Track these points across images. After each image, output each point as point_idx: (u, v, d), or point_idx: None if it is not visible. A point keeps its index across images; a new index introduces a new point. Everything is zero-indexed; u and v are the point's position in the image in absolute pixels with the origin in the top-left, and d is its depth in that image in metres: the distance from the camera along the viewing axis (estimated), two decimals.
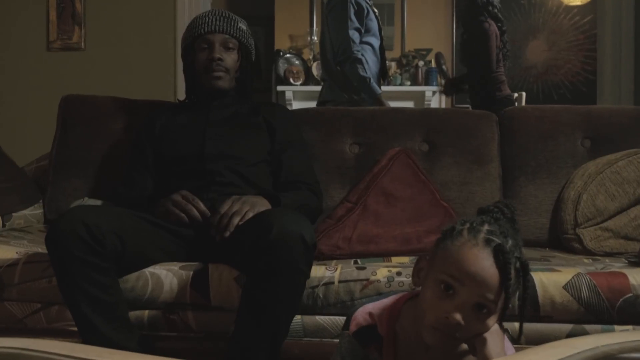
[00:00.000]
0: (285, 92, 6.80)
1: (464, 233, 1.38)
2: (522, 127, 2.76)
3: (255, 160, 2.46)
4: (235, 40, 2.55)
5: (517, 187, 2.71)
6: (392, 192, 2.61)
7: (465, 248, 1.36)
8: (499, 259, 1.35)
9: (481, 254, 1.35)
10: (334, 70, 4.18)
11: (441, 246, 1.41)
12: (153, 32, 4.06)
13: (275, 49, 7.06)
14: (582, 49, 7.25)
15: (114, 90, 3.23)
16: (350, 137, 2.77)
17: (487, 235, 1.37)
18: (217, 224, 2.12)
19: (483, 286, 1.34)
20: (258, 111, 2.57)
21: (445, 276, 1.37)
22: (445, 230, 1.44)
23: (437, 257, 1.41)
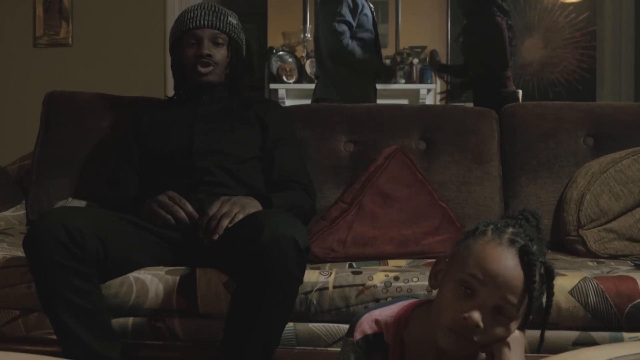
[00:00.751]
0: (278, 90, 6.69)
1: (488, 232, 1.33)
2: (523, 125, 2.65)
3: (246, 156, 2.35)
4: (225, 36, 2.44)
5: (518, 187, 2.60)
6: (388, 192, 2.51)
7: (489, 246, 1.31)
8: (524, 260, 1.29)
9: (505, 253, 1.29)
10: (329, 67, 4.09)
11: (462, 245, 1.35)
12: (142, 27, 3.95)
13: (267, 46, 6.95)
14: (578, 46, 7.15)
15: (102, 87, 3.13)
16: (345, 134, 2.66)
17: (512, 237, 1.31)
18: (205, 226, 2.01)
19: (505, 287, 1.28)
20: (250, 106, 2.46)
21: (465, 275, 1.30)
22: (467, 231, 1.39)
23: (457, 257, 1.35)
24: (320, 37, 4.18)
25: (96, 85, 3.35)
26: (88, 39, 3.98)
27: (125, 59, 3.96)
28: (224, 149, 2.32)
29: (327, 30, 4.02)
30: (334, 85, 4.12)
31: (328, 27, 3.99)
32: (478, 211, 2.55)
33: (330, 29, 3.95)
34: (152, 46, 3.93)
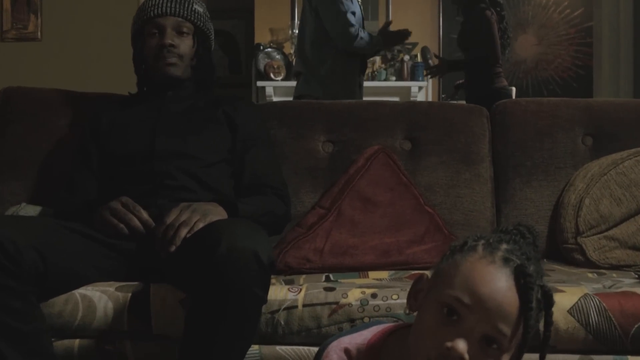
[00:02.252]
0: (266, 88, 6.47)
1: (479, 248, 1.14)
2: (516, 123, 2.42)
3: (213, 159, 2.13)
4: (190, 24, 2.22)
5: (511, 190, 2.38)
6: (369, 196, 2.28)
7: (479, 265, 1.11)
8: (520, 282, 1.10)
9: (498, 274, 1.10)
10: (312, 62, 3.86)
11: (448, 262, 1.15)
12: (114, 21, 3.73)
13: (255, 42, 6.73)
14: (572, 43, 6.94)
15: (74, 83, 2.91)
16: (323, 134, 2.43)
17: (506, 254, 1.12)
18: (161, 236, 1.78)
19: (497, 314, 1.08)
20: (218, 104, 2.24)
21: (450, 298, 1.10)
22: (454, 245, 1.18)
23: (441, 275, 1.15)
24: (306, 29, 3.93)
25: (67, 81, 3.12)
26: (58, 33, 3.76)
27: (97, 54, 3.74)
28: (188, 152, 2.10)
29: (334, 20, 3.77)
30: (317, 80, 3.90)
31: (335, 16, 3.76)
32: (468, 217, 2.33)
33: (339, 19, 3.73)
34: (126, 41, 3.68)
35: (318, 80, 3.88)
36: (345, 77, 3.93)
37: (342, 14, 3.71)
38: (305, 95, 3.94)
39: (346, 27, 3.72)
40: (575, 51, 6.93)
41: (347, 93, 3.88)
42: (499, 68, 4.39)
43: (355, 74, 3.99)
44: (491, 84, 4.34)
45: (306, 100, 2.78)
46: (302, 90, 3.98)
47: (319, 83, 3.88)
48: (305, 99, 3.96)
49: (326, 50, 3.85)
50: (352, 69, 3.96)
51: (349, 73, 3.96)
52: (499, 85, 4.38)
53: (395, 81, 6.60)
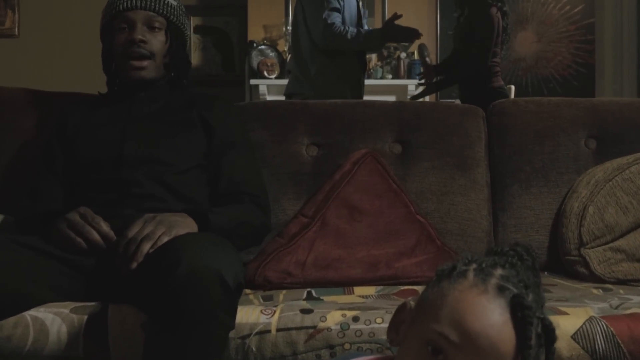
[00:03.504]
0: (259, 86, 6.29)
1: (469, 275, 0.98)
2: (515, 125, 2.24)
3: (186, 165, 1.95)
4: (162, 19, 2.04)
5: (509, 198, 2.20)
6: (356, 204, 2.10)
7: (469, 295, 0.95)
8: (517, 315, 0.94)
9: (491, 305, 0.95)
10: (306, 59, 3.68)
11: (434, 290, 0.98)
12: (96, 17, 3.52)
13: (248, 40, 6.53)
14: (573, 40, 6.74)
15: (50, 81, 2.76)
16: (307, 136, 2.24)
17: (501, 282, 0.96)
18: (122, 251, 1.61)
19: (489, 353, 0.92)
20: (192, 105, 2.06)
21: (434, 334, 0.93)
22: (441, 270, 1.01)
23: (425, 306, 0.98)
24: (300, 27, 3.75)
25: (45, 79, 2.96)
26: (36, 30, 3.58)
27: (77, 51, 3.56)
28: (159, 157, 1.92)
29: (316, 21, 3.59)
30: (308, 80, 3.70)
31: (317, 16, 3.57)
32: (462, 226, 2.15)
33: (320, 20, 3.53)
34: None
35: (309, 80, 3.70)
36: (339, 77, 3.73)
37: (321, 9, 3.51)
38: (296, 95, 3.76)
39: (321, 24, 3.53)
40: (575, 48, 6.73)
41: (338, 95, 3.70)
42: (496, 67, 4.21)
43: (354, 73, 3.79)
44: (487, 83, 4.15)
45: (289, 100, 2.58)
46: (292, 89, 3.80)
47: (310, 83, 3.69)
48: (295, 98, 3.79)
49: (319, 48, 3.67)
50: (348, 69, 3.76)
51: (346, 73, 3.75)
52: (496, 84, 4.20)
53: (392, 79, 6.42)
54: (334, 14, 3.53)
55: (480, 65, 4.06)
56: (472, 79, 4.19)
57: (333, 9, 3.53)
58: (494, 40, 4.09)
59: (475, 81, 4.18)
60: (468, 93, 4.25)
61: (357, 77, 3.83)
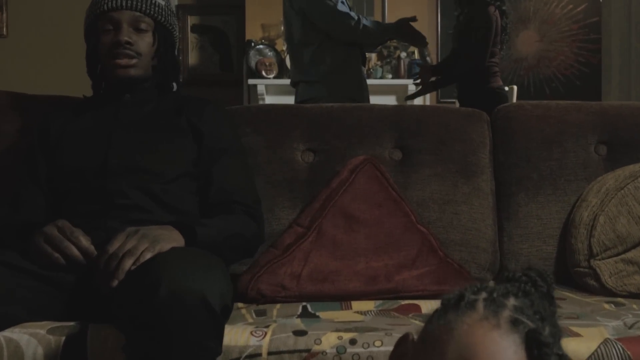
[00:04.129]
0: (258, 86, 6.18)
1: (478, 306, 0.87)
2: (521, 130, 2.13)
3: (174, 174, 1.84)
4: (150, 19, 1.93)
5: (515, 206, 2.08)
6: (354, 213, 1.99)
7: (479, 329, 0.85)
8: (533, 352, 0.83)
9: (504, 342, 0.84)
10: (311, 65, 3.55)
11: (439, 323, 0.88)
12: None
13: (246, 39, 6.42)
14: (576, 39, 6.63)
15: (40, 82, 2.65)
16: (302, 141, 2.13)
17: (515, 314, 0.86)
18: (103, 268, 1.49)
19: None
20: (181, 110, 1.94)
21: None
22: (447, 299, 0.92)
23: (430, 340, 0.89)
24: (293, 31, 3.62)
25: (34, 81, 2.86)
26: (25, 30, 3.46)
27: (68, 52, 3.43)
28: (145, 166, 1.81)
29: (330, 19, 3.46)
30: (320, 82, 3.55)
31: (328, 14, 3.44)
32: (465, 236, 2.03)
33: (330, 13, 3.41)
34: None
35: (321, 82, 3.56)
36: (348, 69, 3.60)
37: (333, 10, 3.40)
38: (310, 100, 3.63)
39: (344, 20, 3.41)
40: (578, 48, 6.61)
41: (354, 84, 3.54)
42: (495, 67, 4.09)
43: (359, 63, 3.66)
44: (486, 84, 4.04)
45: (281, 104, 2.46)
46: (305, 96, 3.66)
47: (323, 84, 3.56)
48: (298, 87, 3.64)
49: (322, 48, 3.55)
50: (355, 60, 3.63)
51: (353, 64, 3.63)
52: (495, 84, 4.08)
53: (392, 79, 6.31)
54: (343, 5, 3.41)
55: (477, 65, 3.95)
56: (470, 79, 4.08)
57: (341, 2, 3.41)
58: (492, 39, 3.99)
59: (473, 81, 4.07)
60: (466, 94, 4.14)
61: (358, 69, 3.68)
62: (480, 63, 3.93)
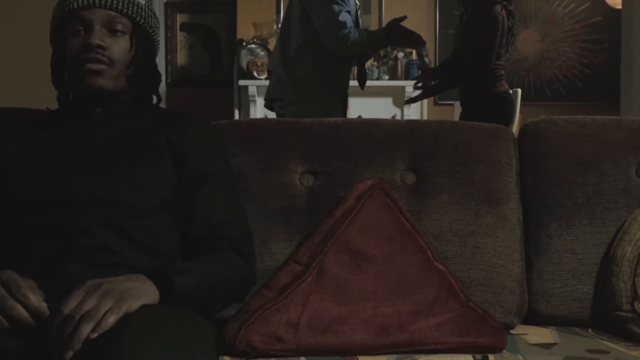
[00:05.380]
0: (249, 87, 5.90)
1: None
2: (552, 150, 1.82)
3: (150, 205, 1.54)
4: (126, 20, 1.62)
5: (546, 239, 1.78)
6: (361, 248, 1.69)
7: None
8: None
9: None
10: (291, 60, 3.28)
11: None
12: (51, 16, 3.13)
13: (237, 38, 6.12)
14: (577, 39, 6.35)
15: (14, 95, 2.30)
16: (301, 163, 1.82)
17: None
18: (55, 333, 1.19)
19: None
20: (160, 127, 1.63)
21: None
22: None
23: None
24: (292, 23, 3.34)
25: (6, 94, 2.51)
26: None
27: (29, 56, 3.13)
28: (116, 196, 1.51)
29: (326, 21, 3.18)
30: (290, 81, 3.31)
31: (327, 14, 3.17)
32: (490, 274, 1.73)
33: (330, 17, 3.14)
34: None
35: (291, 81, 3.30)
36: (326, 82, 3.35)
37: (334, 14, 3.12)
38: (278, 99, 3.39)
39: (338, 29, 3.14)
40: (580, 48, 6.34)
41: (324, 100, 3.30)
42: (500, 70, 3.81)
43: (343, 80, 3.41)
44: (491, 88, 3.75)
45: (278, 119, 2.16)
46: (273, 93, 3.42)
47: (292, 84, 3.30)
48: (276, 102, 3.43)
49: (312, 50, 3.27)
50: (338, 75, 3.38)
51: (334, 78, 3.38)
52: (501, 89, 3.79)
53: (389, 80, 6.03)
54: (346, 14, 3.13)
55: (482, 67, 3.67)
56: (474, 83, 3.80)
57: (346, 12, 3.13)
58: (498, 40, 3.71)
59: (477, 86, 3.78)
60: (469, 99, 3.86)
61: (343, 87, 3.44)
62: (486, 65, 3.65)
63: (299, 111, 3.23)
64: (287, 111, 3.32)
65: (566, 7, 6.33)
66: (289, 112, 3.29)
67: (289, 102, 3.30)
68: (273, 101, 3.43)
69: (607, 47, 6.26)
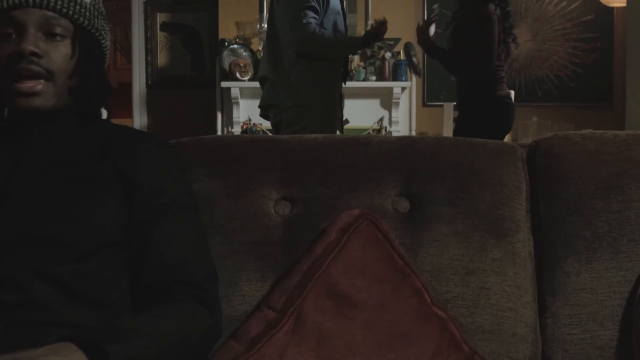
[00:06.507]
0: (231, 89, 5.62)
1: None
2: (568, 171, 1.54)
3: (92, 246, 1.26)
4: (67, 22, 1.34)
5: (562, 276, 1.50)
6: (347, 292, 1.41)
7: None
8: None
9: None
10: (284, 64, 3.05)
11: None
12: None
13: (219, 38, 5.84)
14: (569, 38, 6.09)
15: None
16: (276, 187, 1.53)
17: None
18: None
19: None
20: (106, 150, 1.35)
21: None
22: None
23: None
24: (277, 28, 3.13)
25: None
26: None
27: None
28: (49, 236, 1.23)
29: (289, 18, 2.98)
30: (286, 87, 3.10)
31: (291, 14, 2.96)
32: (498, 320, 1.45)
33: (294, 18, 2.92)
34: None
35: (287, 87, 3.08)
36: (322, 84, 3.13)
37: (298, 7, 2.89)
38: (273, 106, 3.17)
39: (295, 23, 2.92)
40: (572, 47, 6.08)
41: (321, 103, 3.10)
42: (501, 72, 3.57)
43: (337, 82, 3.19)
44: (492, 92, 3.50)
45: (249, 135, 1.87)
46: (268, 100, 3.21)
47: (288, 90, 3.08)
48: (272, 110, 3.21)
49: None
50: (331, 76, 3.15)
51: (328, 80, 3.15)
52: (502, 93, 3.55)
53: (376, 81, 5.75)
54: (310, 12, 2.88)
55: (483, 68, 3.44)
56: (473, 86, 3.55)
57: (309, 7, 2.88)
58: (497, 38, 3.48)
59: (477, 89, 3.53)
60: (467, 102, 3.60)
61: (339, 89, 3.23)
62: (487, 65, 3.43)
63: (296, 116, 3.05)
64: (283, 117, 3.14)
65: (557, 5, 6.08)
66: (286, 117, 3.12)
67: (285, 108, 3.12)
68: (268, 109, 3.22)
69: (599, 46, 6.01)
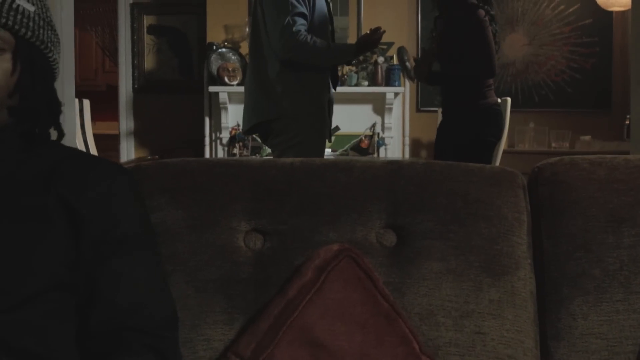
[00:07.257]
0: (219, 94, 5.47)
1: None
2: (575, 200, 1.37)
3: (29, 290, 1.10)
4: (7, 34, 1.18)
5: (569, 319, 1.33)
6: (324, 339, 1.24)
7: None
8: None
9: None
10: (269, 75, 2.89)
11: None
12: None
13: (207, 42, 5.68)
14: (567, 43, 5.94)
15: None
16: (246, 218, 1.36)
17: None
18: None
19: None
20: (50, 178, 1.18)
21: None
22: None
23: None
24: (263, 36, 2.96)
25: None
26: None
27: None
28: None
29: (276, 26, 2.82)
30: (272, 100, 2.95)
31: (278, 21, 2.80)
32: None
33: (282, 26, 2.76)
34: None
35: (272, 99, 2.93)
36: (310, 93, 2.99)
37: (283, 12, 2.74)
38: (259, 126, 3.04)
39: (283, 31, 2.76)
40: (570, 52, 5.93)
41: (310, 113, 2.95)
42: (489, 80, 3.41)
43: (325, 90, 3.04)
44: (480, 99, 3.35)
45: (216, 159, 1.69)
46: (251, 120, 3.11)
47: (274, 103, 2.92)
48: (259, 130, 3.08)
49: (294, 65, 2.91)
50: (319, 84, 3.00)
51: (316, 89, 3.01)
52: (491, 100, 3.39)
53: (368, 86, 5.59)
54: (299, 19, 2.72)
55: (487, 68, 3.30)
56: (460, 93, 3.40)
57: (298, 14, 2.72)
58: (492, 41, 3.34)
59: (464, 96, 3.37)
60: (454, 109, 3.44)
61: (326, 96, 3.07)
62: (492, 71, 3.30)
63: (284, 127, 2.91)
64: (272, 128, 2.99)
65: (555, 8, 5.92)
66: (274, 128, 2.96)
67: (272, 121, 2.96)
68: (254, 131, 3.14)
69: (597, 50, 5.87)
